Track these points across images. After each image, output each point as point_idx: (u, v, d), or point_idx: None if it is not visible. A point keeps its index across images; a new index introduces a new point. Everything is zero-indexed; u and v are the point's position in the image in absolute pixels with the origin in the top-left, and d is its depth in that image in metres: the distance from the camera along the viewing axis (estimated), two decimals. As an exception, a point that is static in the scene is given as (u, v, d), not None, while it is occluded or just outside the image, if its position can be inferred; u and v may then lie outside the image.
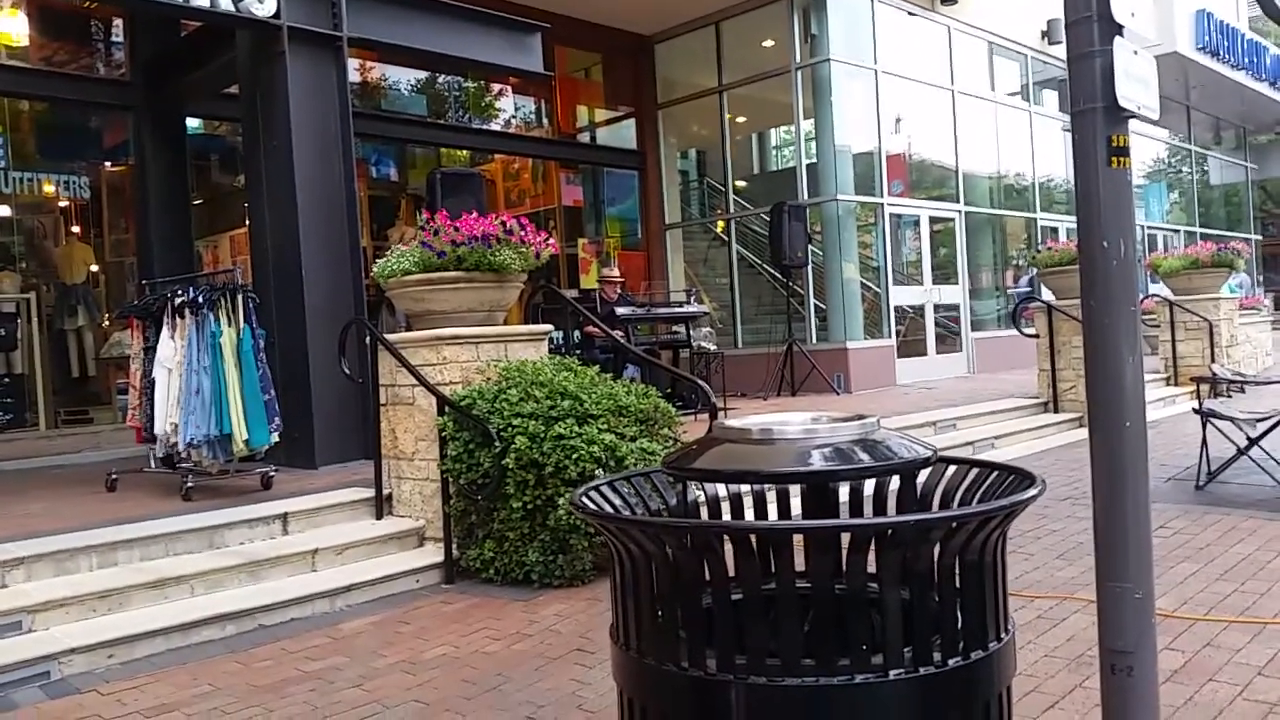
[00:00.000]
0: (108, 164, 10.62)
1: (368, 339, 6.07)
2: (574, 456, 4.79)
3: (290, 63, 6.98)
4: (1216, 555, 4.80)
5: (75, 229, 10.66)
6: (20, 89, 8.94)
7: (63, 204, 10.51)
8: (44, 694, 3.79)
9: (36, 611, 4.19)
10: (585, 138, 14.01)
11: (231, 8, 6.67)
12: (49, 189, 10.08)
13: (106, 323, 10.30)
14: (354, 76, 9.93)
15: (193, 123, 9.98)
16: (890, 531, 1.74)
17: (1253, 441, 6.16)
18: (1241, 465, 6.24)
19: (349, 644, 4.24)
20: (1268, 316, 14.99)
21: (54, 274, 10.35)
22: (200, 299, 5.80)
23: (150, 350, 6.20)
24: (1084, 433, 8.57)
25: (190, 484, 5.72)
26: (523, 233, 5.63)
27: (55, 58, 9.19)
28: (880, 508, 2.18)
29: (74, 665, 3.97)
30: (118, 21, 9.22)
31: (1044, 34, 15.49)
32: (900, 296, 12.61)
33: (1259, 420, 6.18)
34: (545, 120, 13.20)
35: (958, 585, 1.79)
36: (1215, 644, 3.62)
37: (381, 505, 5.64)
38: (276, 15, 6.87)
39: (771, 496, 2.33)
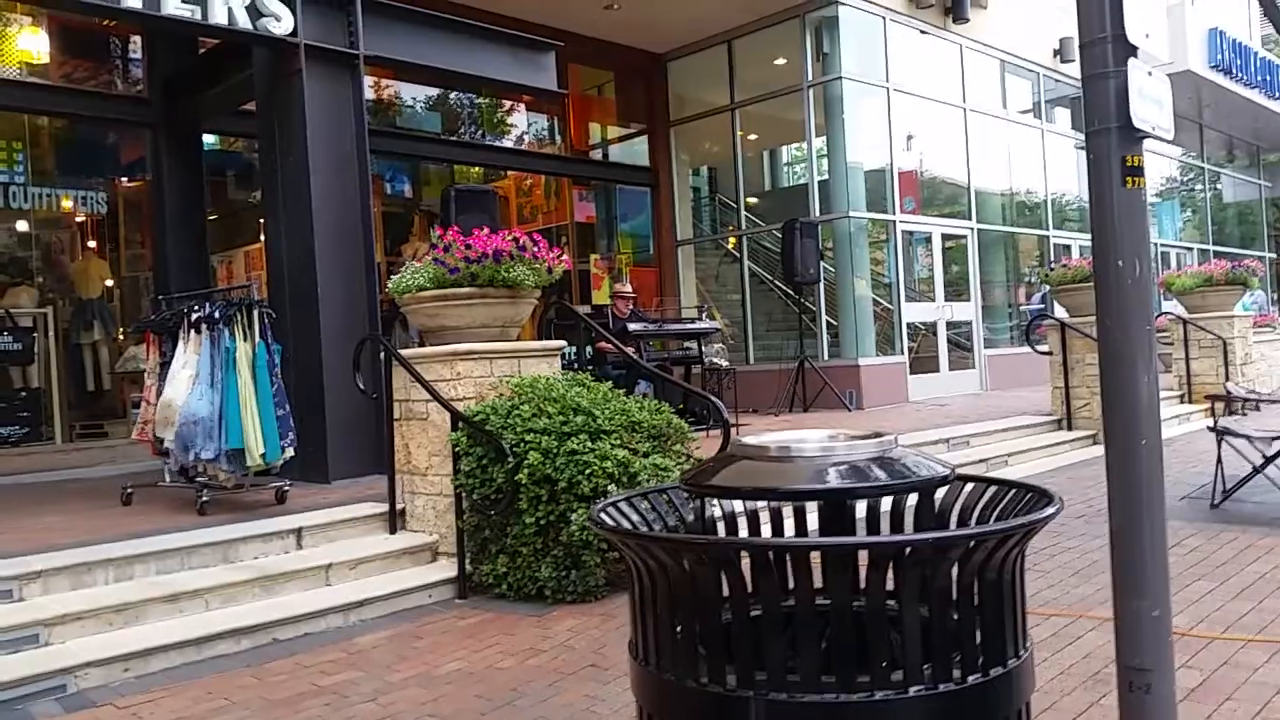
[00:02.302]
0: (125, 180, 10.73)
1: (382, 354, 6.09)
2: (587, 472, 4.80)
3: (307, 80, 7.05)
4: (1233, 574, 4.78)
5: (92, 244, 10.76)
6: (40, 105, 9.05)
7: (80, 219, 10.61)
8: (60, 707, 3.80)
9: (53, 625, 4.21)
10: (598, 154, 14.08)
11: (249, 26, 6.74)
12: (67, 204, 10.18)
13: (122, 337, 10.38)
14: (369, 94, 10.02)
15: (209, 139, 10.07)
16: (909, 549, 1.74)
17: (1268, 460, 6.13)
18: (1257, 484, 6.21)
19: (363, 659, 4.25)
20: (1282, 334, 14.90)
21: (71, 289, 10.44)
22: (216, 314, 5.84)
23: (166, 365, 6.24)
24: (1097, 450, 8.55)
25: (205, 498, 5.75)
26: (535, 249, 5.66)
27: (75, 75, 9.31)
28: (898, 525, 2.19)
29: (90, 679, 3.99)
30: (136, 39, 9.33)
31: (1056, 52, 15.52)
32: (912, 313, 12.61)
33: (1274, 438, 6.14)
34: (558, 137, 13.28)
35: (976, 603, 1.79)
36: (1233, 662, 3.60)
37: (395, 520, 5.66)
38: (294, 33, 6.94)
39: (788, 513, 2.34)
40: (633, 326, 9.52)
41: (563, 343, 6.32)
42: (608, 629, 4.44)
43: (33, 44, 8.92)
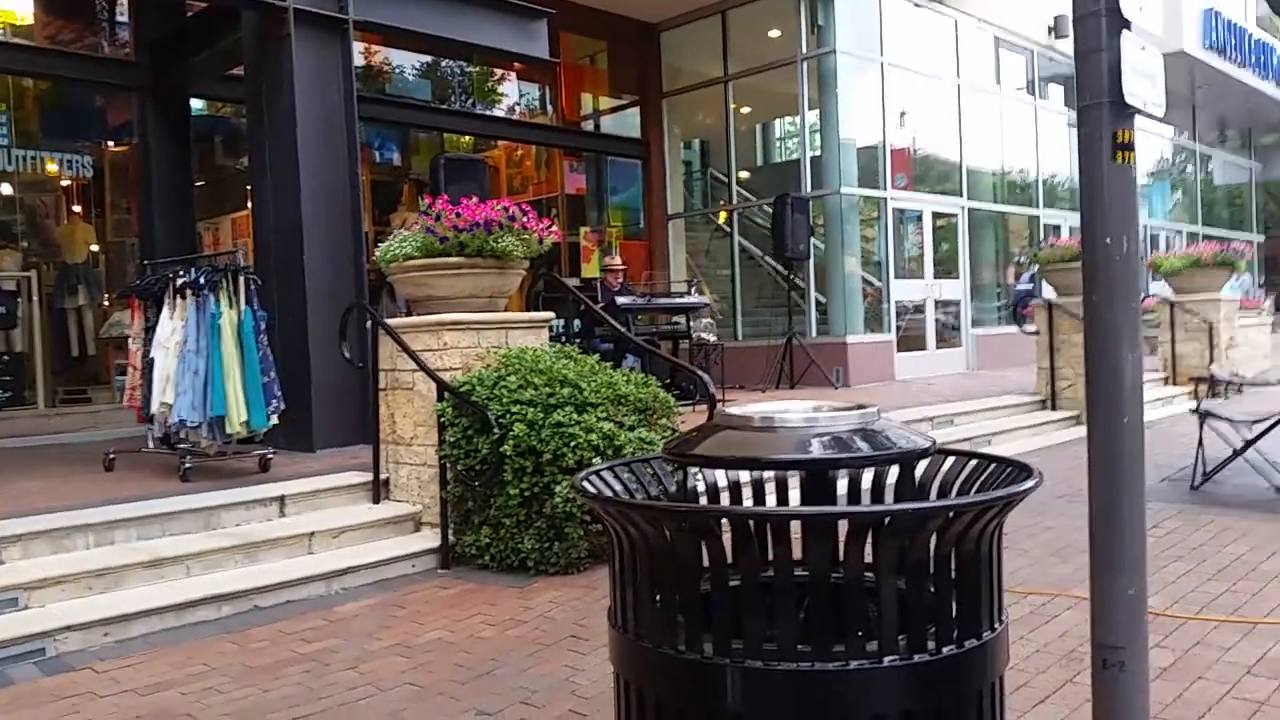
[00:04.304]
0: (111, 144, 10.62)
1: (368, 323, 6.07)
2: (572, 444, 4.80)
3: (295, 45, 6.96)
4: (1209, 555, 4.82)
5: (77, 208, 10.66)
6: (25, 67, 8.93)
7: (65, 183, 10.50)
8: (39, 671, 3.80)
9: (32, 589, 4.20)
10: (589, 125, 13.98)
11: (237, -12, 6.65)
12: (52, 168, 10.07)
13: (107, 303, 10.31)
14: (358, 60, 9.91)
15: (196, 104, 9.97)
16: (888, 520, 1.74)
17: (1249, 443, 6.17)
18: (1237, 466, 6.25)
19: (344, 626, 4.26)
20: (1267, 318, 14.98)
21: (55, 253, 10.35)
22: (201, 280, 5.80)
23: (151, 330, 6.20)
24: (1081, 430, 8.59)
25: (188, 465, 5.73)
26: (525, 219, 5.63)
27: (60, 36, 9.18)
28: (878, 497, 2.19)
29: (69, 643, 3.98)
30: (123, 1, 9.20)
31: (1051, 29, 15.45)
32: (901, 291, 12.61)
33: (1256, 422, 6.18)
34: (549, 107, 13.18)
35: (953, 575, 1.79)
36: (1206, 642, 3.64)
37: (379, 490, 5.65)
38: (282, -3, 6.85)
39: (771, 488, 2.34)
40: (621, 300, 9.50)
41: (551, 314, 6.30)
42: (589, 600, 4.46)
43: (17, 4, 8.78)
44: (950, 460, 2.15)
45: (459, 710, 3.30)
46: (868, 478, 2.21)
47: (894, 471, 2.13)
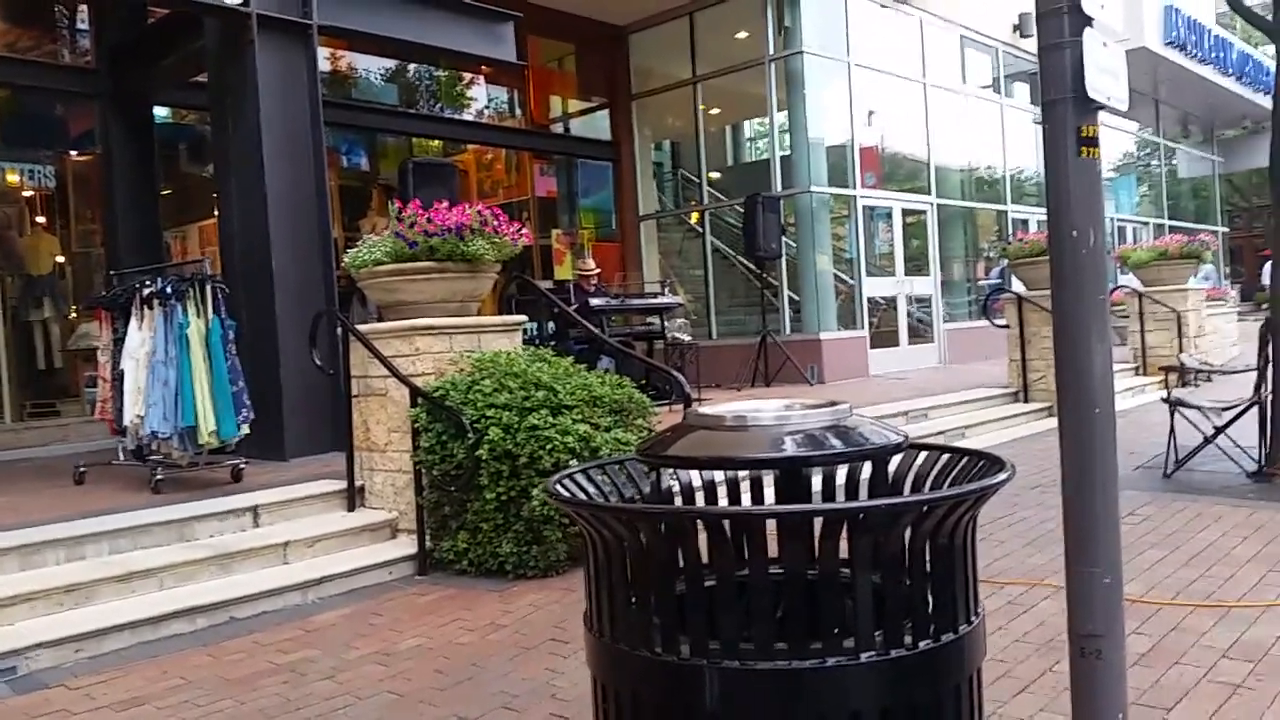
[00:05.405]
0: (73, 153, 10.44)
1: (339, 330, 6.02)
2: (548, 447, 4.79)
3: (259, 51, 6.90)
4: (1183, 542, 4.87)
5: (41, 219, 10.49)
6: (-20, 76, 8.79)
7: (27, 194, 10.32)
8: (10, 689, 3.74)
9: (2, 606, 4.12)
10: (559, 128, 13.96)
11: (199, -6, 6.58)
12: (13, 179, 9.90)
13: (73, 314, 10.16)
14: (324, 65, 9.83)
15: (161, 112, 9.84)
16: (862, 516, 1.74)
17: (1219, 430, 6.24)
18: (1208, 453, 6.32)
19: (321, 636, 4.22)
20: (1233, 307, 15.20)
21: (19, 265, 10.17)
22: (168, 290, 5.74)
23: (119, 342, 6.13)
24: (1053, 422, 8.65)
25: (159, 477, 5.67)
26: (496, 223, 5.61)
27: (18, 44, 9.04)
28: (853, 493, 2.19)
29: (40, 660, 3.92)
30: (83, 9, 9.08)
31: (1015, 27, 15.58)
32: (873, 288, 12.67)
33: (1225, 409, 6.26)
34: (518, 110, 13.14)
35: (928, 569, 1.80)
36: (1181, 628, 3.68)
37: (354, 497, 5.61)
38: (245, 3, 6.79)
39: (745, 484, 2.34)
40: (595, 302, 9.49)
41: (524, 318, 6.27)
42: (569, 603, 4.44)
43: (-26, 13, 8.66)
44: (923, 455, 2.16)
45: (438, 717, 3.28)
46: (841, 474, 2.21)
47: (868, 467, 2.14)
